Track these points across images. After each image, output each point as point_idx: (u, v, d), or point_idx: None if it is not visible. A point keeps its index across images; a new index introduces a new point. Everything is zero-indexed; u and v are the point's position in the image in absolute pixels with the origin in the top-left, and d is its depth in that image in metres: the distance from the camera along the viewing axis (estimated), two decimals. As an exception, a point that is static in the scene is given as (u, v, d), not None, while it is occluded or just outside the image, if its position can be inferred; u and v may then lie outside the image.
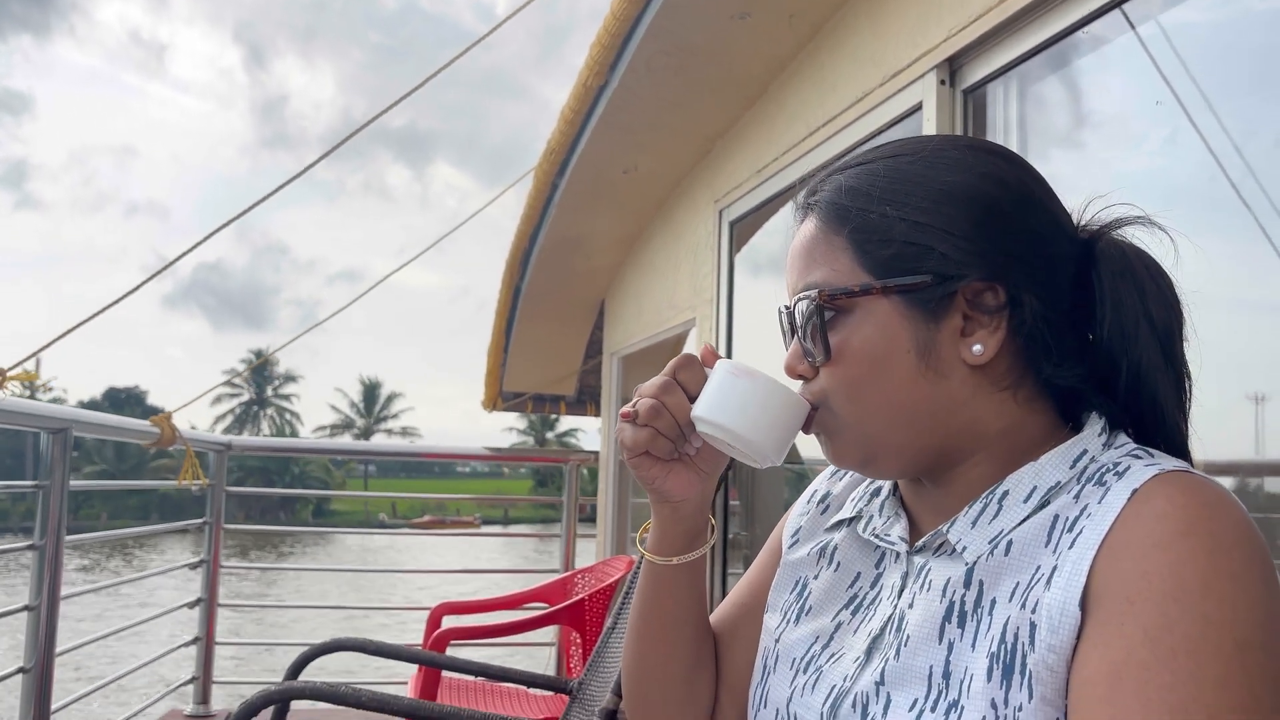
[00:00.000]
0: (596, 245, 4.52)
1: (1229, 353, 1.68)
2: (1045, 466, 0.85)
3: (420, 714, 2.33)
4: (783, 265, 0.98)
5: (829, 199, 0.92)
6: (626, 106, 3.23)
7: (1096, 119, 1.95)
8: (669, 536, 1.00)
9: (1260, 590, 0.72)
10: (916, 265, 0.86)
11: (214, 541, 4.03)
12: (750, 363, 0.97)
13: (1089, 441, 0.86)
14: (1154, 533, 0.74)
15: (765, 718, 0.96)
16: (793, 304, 0.92)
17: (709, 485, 0.98)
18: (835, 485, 1.07)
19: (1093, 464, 0.84)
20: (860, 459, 0.90)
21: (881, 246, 0.87)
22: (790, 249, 0.96)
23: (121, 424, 3.39)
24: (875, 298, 0.87)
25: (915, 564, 0.89)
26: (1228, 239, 1.72)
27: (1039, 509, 0.83)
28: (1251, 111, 1.71)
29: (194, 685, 3.93)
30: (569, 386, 5.83)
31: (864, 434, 0.88)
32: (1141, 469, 0.79)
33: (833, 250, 0.90)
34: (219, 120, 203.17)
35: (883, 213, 0.88)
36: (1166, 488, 0.76)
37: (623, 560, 3.80)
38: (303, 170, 3.33)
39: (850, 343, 0.88)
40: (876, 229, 0.88)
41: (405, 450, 15.83)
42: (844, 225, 0.89)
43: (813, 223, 0.92)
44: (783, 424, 0.91)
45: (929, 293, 0.86)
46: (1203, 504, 0.75)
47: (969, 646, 0.81)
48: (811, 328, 0.89)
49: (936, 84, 1.92)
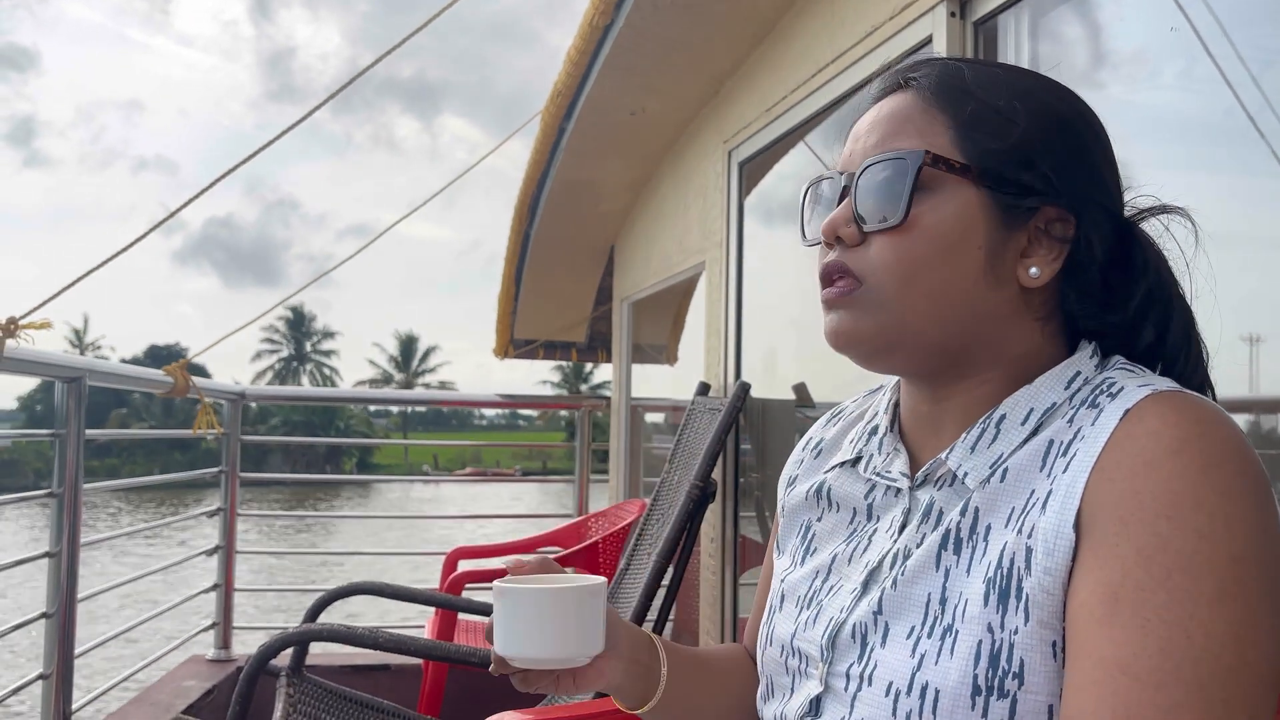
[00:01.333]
0: (605, 190, 4.49)
1: (1227, 292, 1.66)
2: (1040, 389, 0.86)
3: (435, 654, 2.37)
4: (793, 209, 0.97)
5: (939, 79, 0.89)
6: (633, 46, 3.19)
7: (1109, 49, 1.91)
8: (629, 698, 0.99)
9: (1252, 504, 0.72)
10: (1015, 172, 0.86)
11: (230, 490, 4.07)
12: (759, 307, 0.96)
13: (1081, 364, 0.87)
14: (1145, 451, 0.74)
15: (771, 655, 0.97)
16: (866, 163, 0.87)
17: (621, 658, 0.95)
18: (829, 431, 1.08)
19: (1086, 385, 0.84)
20: (881, 345, 0.87)
21: (990, 139, 0.86)
22: (864, 118, 0.92)
23: (135, 373, 3.41)
24: (968, 184, 0.85)
25: (919, 500, 0.89)
26: (1240, 174, 1.69)
27: (1035, 432, 0.83)
28: (1268, 40, 1.67)
29: (214, 631, 4.00)
30: (580, 333, 5.83)
31: (899, 319, 0.85)
32: (1135, 388, 0.80)
33: (932, 125, 0.87)
34: (226, 74, 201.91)
35: (998, 108, 0.87)
36: (1159, 406, 0.77)
37: (635, 503, 3.83)
38: (305, 115, 3.30)
39: (926, 218, 0.85)
40: (990, 122, 0.86)
41: (418, 399, 15.91)
42: (953, 106, 0.87)
43: (909, 97, 0.89)
44: (581, 624, 0.86)
45: (1017, 201, 0.86)
46: (1195, 421, 0.75)
47: (964, 573, 0.81)
48: (892, 188, 0.85)
49: (947, 16, 1.88)
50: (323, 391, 35.80)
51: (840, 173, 0.91)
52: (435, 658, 2.59)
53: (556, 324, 5.75)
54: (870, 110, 0.92)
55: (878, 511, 0.93)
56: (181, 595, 4.07)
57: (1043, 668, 0.76)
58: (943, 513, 0.86)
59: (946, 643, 0.79)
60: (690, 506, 2.66)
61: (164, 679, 3.60)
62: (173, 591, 4.18)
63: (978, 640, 0.78)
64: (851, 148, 0.91)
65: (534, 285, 5.34)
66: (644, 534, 3.00)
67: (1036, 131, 0.87)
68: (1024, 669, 0.76)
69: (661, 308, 5.03)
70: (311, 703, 2.41)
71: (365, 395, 12.82)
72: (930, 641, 0.80)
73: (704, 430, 2.93)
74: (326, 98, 3.62)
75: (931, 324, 0.85)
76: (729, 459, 3.12)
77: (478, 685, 3.44)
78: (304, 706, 2.38)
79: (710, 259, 3.36)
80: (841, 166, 0.92)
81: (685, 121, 3.71)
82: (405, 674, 3.75)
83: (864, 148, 0.89)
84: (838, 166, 0.93)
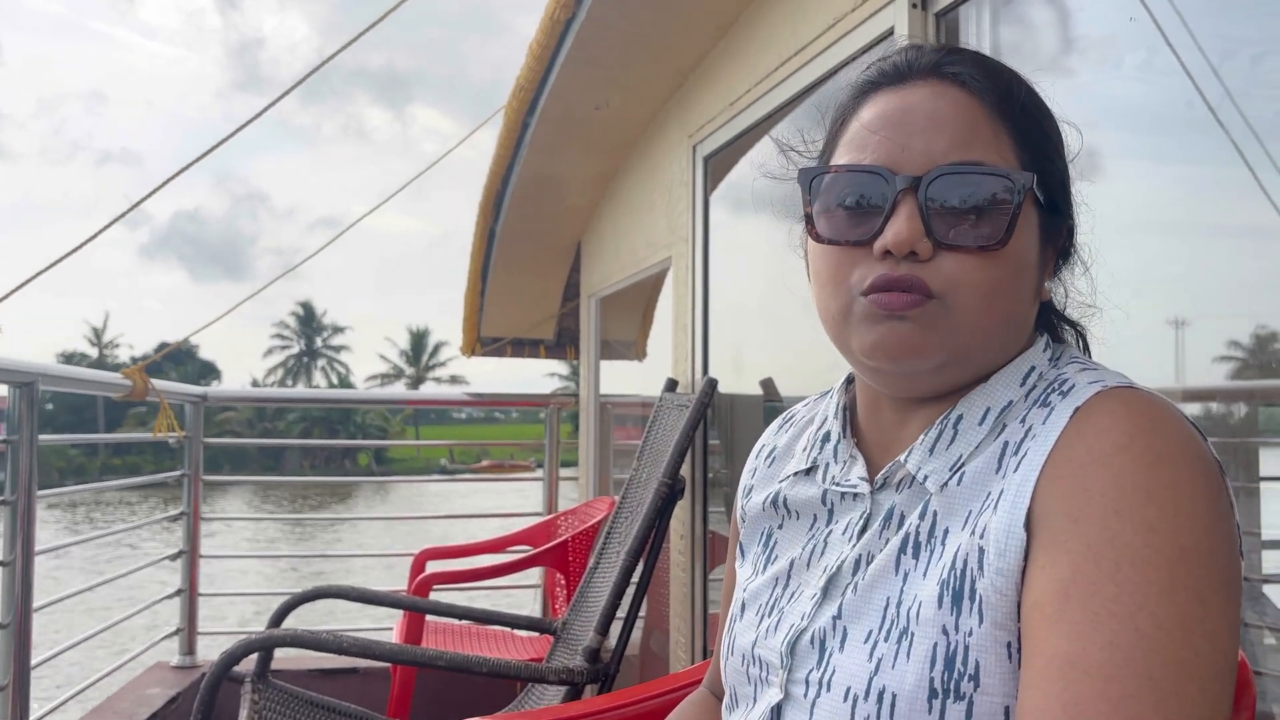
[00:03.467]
0: (571, 185, 4.46)
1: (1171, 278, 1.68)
2: (995, 387, 0.85)
3: (402, 658, 2.34)
4: (760, 203, 0.94)
5: (992, 80, 0.84)
6: (596, 40, 3.16)
7: (1071, 40, 1.91)
8: None
9: (1203, 496, 0.72)
10: (1060, 194, 0.86)
11: (194, 493, 4.01)
12: (726, 302, 0.94)
13: (1035, 358, 0.86)
14: (1094, 448, 0.74)
15: (734, 665, 0.96)
16: (943, 169, 0.80)
17: None
18: (780, 438, 1.06)
19: (1041, 380, 0.84)
20: (940, 362, 0.82)
21: (1046, 162, 0.85)
22: (911, 107, 0.84)
23: (91, 376, 3.35)
24: (1034, 206, 0.84)
25: (880, 504, 0.88)
26: (1199, 164, 1.69)
27: (995, 430, 0.83)
28: (1227, 30, 1.67)
29: (179, 637, 3.94)
30: (548, 330, 5.79)
31: (966, 339, 0.82)
32: (1085, 385, 0.80)
33: (997, 136, 0.83)
34: (192, 65, 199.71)
35: (1047, 126, 0.86)
36: (1108, 403, 0.76)
37: (604, 501, 3.80)
38: (270, 104, 3.25)
39: (1014, 241, 0.82)
40: (1045, 144, 0.85)
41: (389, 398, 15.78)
42: (1015, 119, 0.84)
43: (965, 97, 0.83)
44: None
45: (1055, 220, 0.87)
46: (1144, 416, 0.75)
47: (921, 575, 0.81)
48: (989, 207, 0.80)
49: (909, 7, 1.87)
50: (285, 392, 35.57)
51: (890, 171, 0.82)
52: (401, 662, 2.56)
53: (524, 321, 5.71)
54: (901, 95, 0.84)
55: (835, 515, 0.92)
56: (147, 601, 4.00)
57: (998, 669, 0.75)
58: (904, 516, 0.85)
59: (903, 646, 0.78)
60: (659, 503, 2.64)
61: (126, 687, 3.54)
62: (140, 597, 4.10)
63: (933, 643, 0.77)
64: (900, 141, 0.82)
65: (500, 282, 5.30)
66: (613, 531, 2.98)
67: (1063, 152, 0.88)
68: (979, 671, 0.75)
69: (630, 303, 5.01)
70: (277, 708, 2.37)
71: (333, 396, 12.63)
72: (887, 645, 0.80)
73: (672, 427, 2.91)
74: (291, 86, 3.57)
75: (993, 344, 0.83)
76: (697, 455, 3.10)
77: (447, 688, 3.41)
78: (269, 713, 2.34)
79: (677, 254, 3.35)
80: (888, 162, 0.82)
81: (650, 116, 3.69)
82: (374, 677, 3.71)
83: (927, 148, 0.81)
84: (877, 159, 0.83)
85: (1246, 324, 1.66)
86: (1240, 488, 1.73)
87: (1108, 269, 0.94)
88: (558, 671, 2.30)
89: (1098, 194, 0.94)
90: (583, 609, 2.86)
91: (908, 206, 0.80)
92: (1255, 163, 1.54)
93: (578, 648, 2.47)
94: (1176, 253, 1.74)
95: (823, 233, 0.86)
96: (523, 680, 2.76)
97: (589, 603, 2.84)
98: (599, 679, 2.36)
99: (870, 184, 0.82)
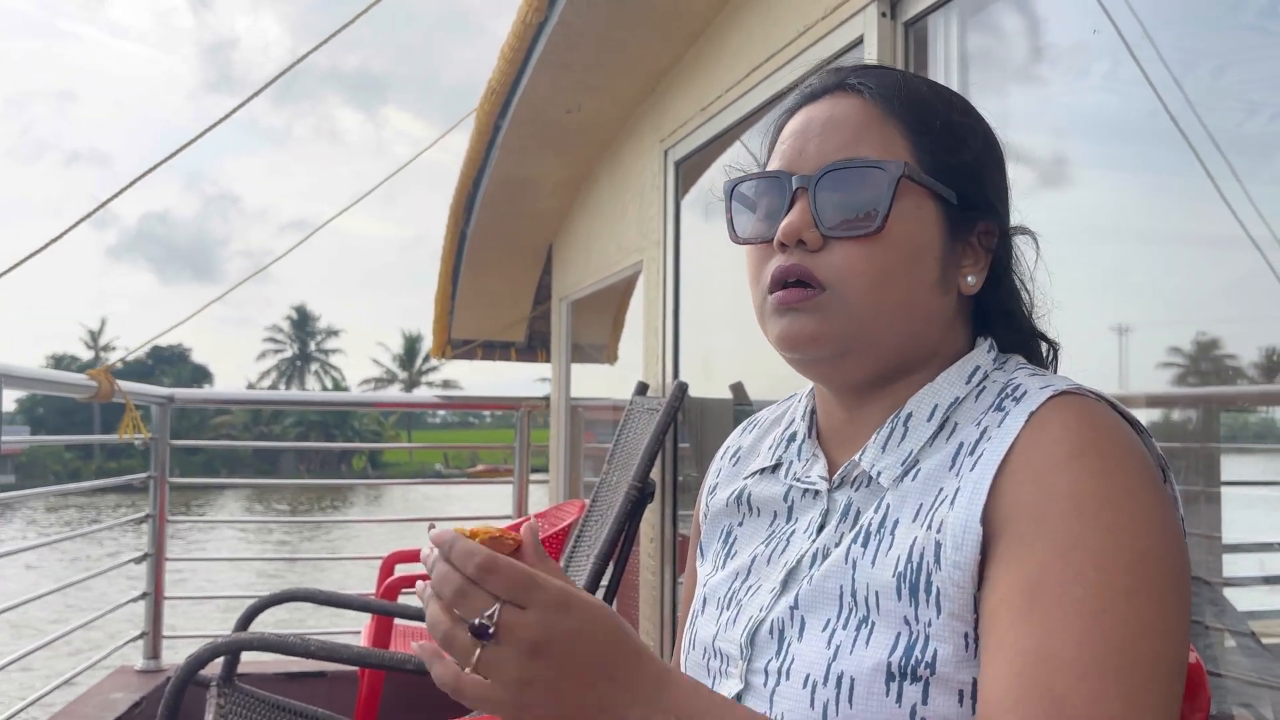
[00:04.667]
0: (542, 188, 4.46)
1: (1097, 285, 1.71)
2: (942, 385, 0.89)
3: (369, 661, 2.33)
4: (723, 206, 0.97)
5: (891, 88, 0.90)
6: (568, 44, 3.17)
7: (1038, 51, 1.93)
8: None
9: (1151, 501, 0.76)
10: (967, 187, 0.89)
11: (160, 496, 3.97)
12: (696, 307, 0.96)
13: (980, 358, 0.91)
14: (1050, 455, 0.78)
15: (694, 659, 0.97)
16: (830, 166, 0.87)
17: None
18: (745, 439, 1.10)
19: (988, 380, 0.89)
20: (839, 349, 0.88)
21: (946, 154, 0.88)
22: (804, 116, 0.92)
23: (56, 377, 3.31)
24: (927, 196, 0.88)
25: (837, 501, 0.91)
26: (1159, 173, 1.72)
27: (942, 427, 0.87)
28: (1189, 42, 1.70)
29: (144, 641, 3.89)
30: (519, 333, 5.79)
31: (860, 325, 0.86)
32: (1037, 391, 0.84)
33: (887, 134, 0.88)
34: (163, 65, 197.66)
35: (950, 122, 0.90)
36: (1061, 412, 0.80)
37: (575, 504, 3.80)
38: (240, 105, 3.23)
39: (896, 228, 0.86)
40: (945, 138, 0.89)
41: (355, 400, 15.74)
42: (909, 118, 0.89)
43: (860, 102, 0.89)
44: None
45: (965, 214, 0.89)
46: (1092, 425, 0.79)
47: (869, 564, 0.84)
48: (866, 196, 0.85)
49: (878, 16, 1.89)
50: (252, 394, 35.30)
51: (788, 173, 0.89)
52: (368, 665, 2.55)
53: (495, 323, 5.70)
54: (809, 109, 0.92)
55: (796, 513, 0.95)
56: (110, 604, 3.95)
57: (954, 657, 0.78)
58: (860, 512, 0.88)
59: (862, 634, 0.81)
60: (629, 507, 2.65)
61: (90, 691, 3.49)
62: (103, 600, 4.05)
63: (895, 633, 0.80)
64: (799, 147, 0.90)
65: (471, 285, 5.29)
66: (583, 534, 2.99)
67: (982, 149, 0.91)
68: (936, 658, 0.78)
69: (601, 307, 5.02)
70: (243, 712, 2.35)
71: (298, 398, 12.50)
72: (845, 633, 0.82)
73: (642, 430, 2.92)
74: (262, 86, 3.55)
75: (891, 331, 0.87)
76: (668, 459, 3.11)
77: (414, 692, 3.39)
78: (235, 717, 2.32)
79: (648, 258, 3.36)
80: (788, 166, 0.90)
81: (622, 120, 3.70)
82: (342, 680, 3.68)
83: (819, 149, 0.88)
84: (780, 164, 0.91)
85: (1188, 330, 1.70)
86: (1200, 492, 1.76)
87: (1062, 274, 0.97)
88: (527, 675, 2.29)
89: (1059, 200, 0.97)
90: (552, 612, 2.86)
91: (800, 202, 0.87)
92: (1215, 172, 1.57)
93: (547, 651, 2.47)
94: (1129, 260, 1.77)
95: (740, 234, 0.94)
96: (492, 684, 2.75)
97: (559, 606, 2.84)
98: (568, 682, 2.36)
99: (773, 187, 0.90)
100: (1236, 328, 1.63)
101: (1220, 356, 1.70)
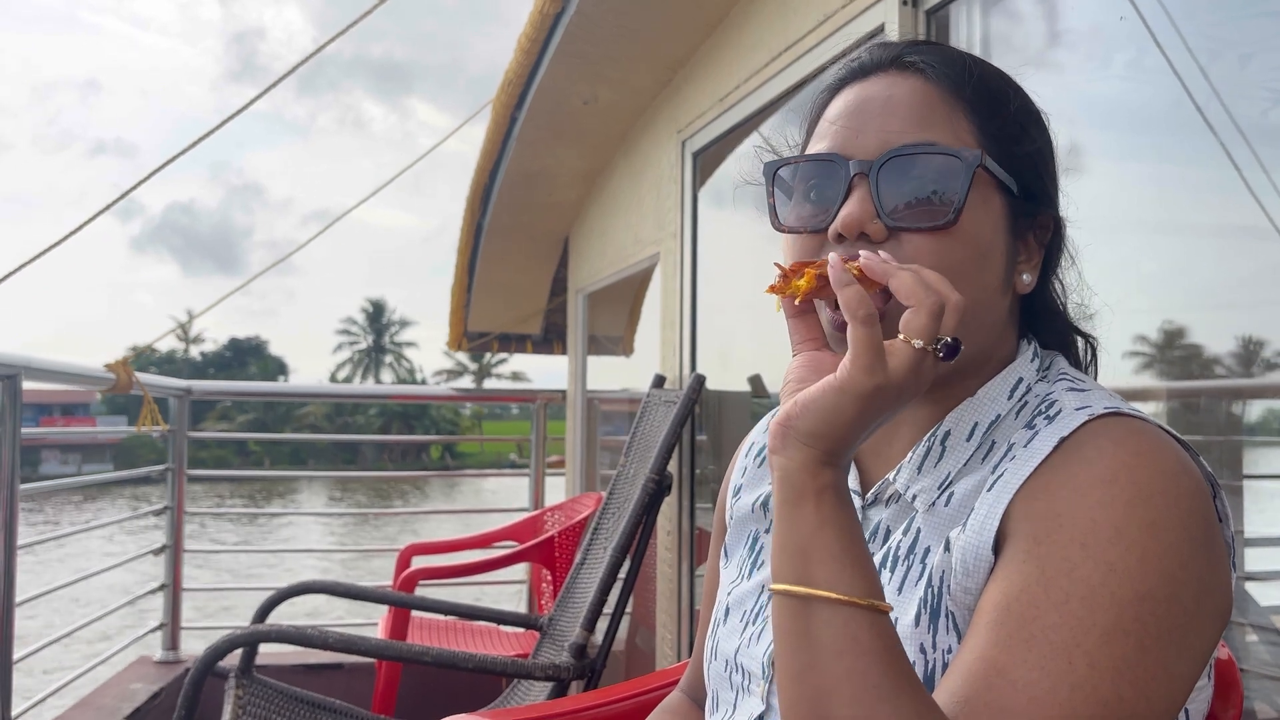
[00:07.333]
0: (558, 180, 4.45)
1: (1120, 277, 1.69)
2: (983, 401, 0.83)
3: (386, 653, 2.33)
4: (749, 199, 0.92)
5: (954, 69, 0.82)
6: (584, 34, 3.15)
7: (1061, 39, 1.91)
8: None
9: (1176, 539, 0.70)
10: (1032, 180, 0.83)
11: (178, 488, 3.99)
12: (714, 299, 0.91)
13: (1023, 369, 0.84)
14: (1075, 477, 0.72)
15: (716, 670, 0.95)
16: (895, 151, 0.79)
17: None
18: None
19: (1030, 394, 0.82)
20: None
21: (1013, 142, 0.82)
22: (859, 94, 0.83)
23: (75, 369, 3.32)
24: (995, 188, 0.81)
25: (870, 520, 0.87)
26: (1184, 163, 1.70)
27: (980, 445, 0.81)
28: (1215, 30, 1.68)
29: (162, 632, 3.91)
30: (535, 325, 5.78)
31: None
32: (1071, 412, 0.77)
33: (958, 121, 0.81)
34: (187, 57, 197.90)
35: (1014, 111, 0.83)
36: (1097, 439, 0.74)
37: (591, 497, 3.80)
38: (261, 93, 3.23)
39: (969, 222, 0.79)
40: (1011, 126, 0.82)
41: (369, 393, 15.72)
42: (976, 102, 0.82)
43: (922, 84, 0.82)
44: None
45: (1030, 208, 0.83)
46: (1131, 451, 0.73)
47: (895, 590, 0.80)
48: (937, 185, 0.77)
49: (899, 4, 1.87)
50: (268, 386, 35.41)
51: (843, 156, 0.81)
52: (386, 657, 2.55)
53: (511, 316, 5.70)
54: (860, 87, 0.84)
55: None
56: (130, 595, 3.97)
57: None
58: (889, 532, 0.84)
59: None
60: (646, 499, 2.64)
61: (109, 682, 3.51)
62: (123, 592, 4.07)
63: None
64: (855, 127, 0.82)
65: (487, 277, 5.29)
66: (600, 527, 2.98)
67: (1041, 138, 0.85)
68: None
69: (617, 299, 5.00)
70: (261, 704, 2.36)
71: (310, 390, 12.47)
72: None
73: (660, 423, 2.91)
74: (284, 74, 3.54)
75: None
76: (685, 452, 3.10)
77: (432, 683, 3.40)
78: (253, 708, 2.33)
79: (665, 250, 3.34)
80: (841, 149, 0.82)
81: (639, 111, 3.68)
82: (359, 672, 3.70)
83: (880, 132, 0.80)
84: (831, 146, 0.83)
85: (1213, 322, 1.67)
86: (1224, 486, 1.74)
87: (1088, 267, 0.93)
88: (544, 667, 2.29)
89: (1085, 191, 0.94)
90: (569, 605, 2.86)
91: (860, 189, 0.79)
92: (1241, 161, 1.55)
93: (564, 644, 2.47)
94: (1153, 250, 1.74)
95: (785, 222, 0.85)
96: (508, 676, 2.75)
97: (575, 599, 2.84)
98: (585, 675, 2.35)
99: (826, 171, 0.82)
100: (1263, 317, 1.61)
101: (1246, 348, 1.68)
